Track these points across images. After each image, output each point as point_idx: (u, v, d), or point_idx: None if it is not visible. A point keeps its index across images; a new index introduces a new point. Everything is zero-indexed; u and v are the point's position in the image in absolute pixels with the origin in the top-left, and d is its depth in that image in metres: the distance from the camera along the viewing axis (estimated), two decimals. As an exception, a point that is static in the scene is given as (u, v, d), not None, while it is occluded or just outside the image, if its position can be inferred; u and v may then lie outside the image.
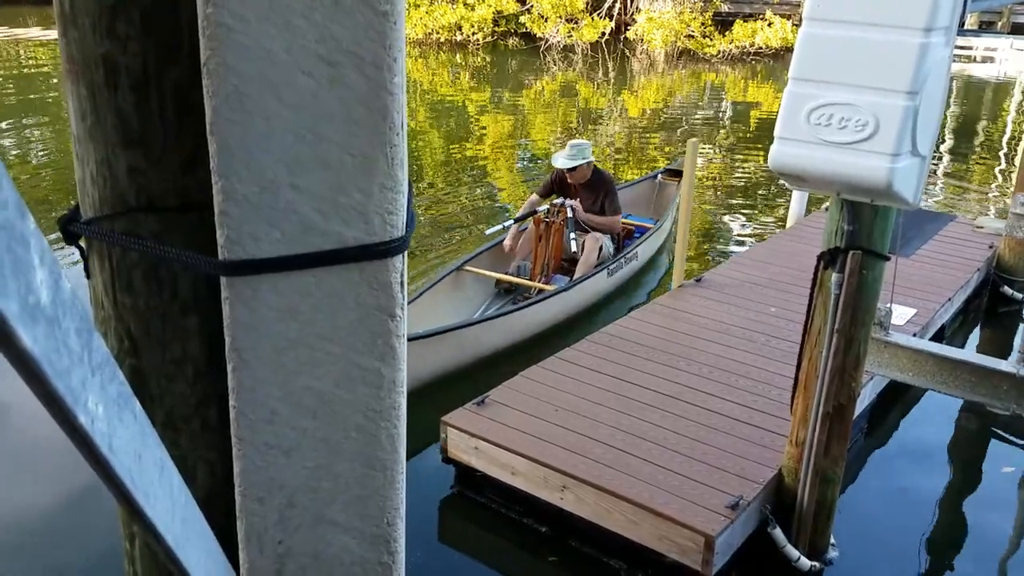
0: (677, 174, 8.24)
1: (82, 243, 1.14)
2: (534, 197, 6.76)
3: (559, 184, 6.65)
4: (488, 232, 6.90)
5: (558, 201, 6.51)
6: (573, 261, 6.59)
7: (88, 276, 1.16)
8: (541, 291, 6.10)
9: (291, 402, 1.11)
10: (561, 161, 6.43)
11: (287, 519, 1.17)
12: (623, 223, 7.06)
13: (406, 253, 1.12)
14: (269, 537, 1.18)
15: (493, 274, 6.41)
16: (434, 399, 4.96)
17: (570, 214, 6.44)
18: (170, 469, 0.82)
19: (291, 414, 1.12)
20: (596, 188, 6.60)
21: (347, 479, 1.17)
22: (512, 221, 6.62)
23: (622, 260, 6.62)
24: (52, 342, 0.52)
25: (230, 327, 1.08)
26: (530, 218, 6.58)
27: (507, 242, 6.61)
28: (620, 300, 6.78)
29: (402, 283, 1.12)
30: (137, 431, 0.70)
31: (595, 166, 6.63)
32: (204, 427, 1.18)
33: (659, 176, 8.49)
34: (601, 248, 6.49)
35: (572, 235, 6.41)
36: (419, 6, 22.27)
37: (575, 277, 6.32)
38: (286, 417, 1.12)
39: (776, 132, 2.96)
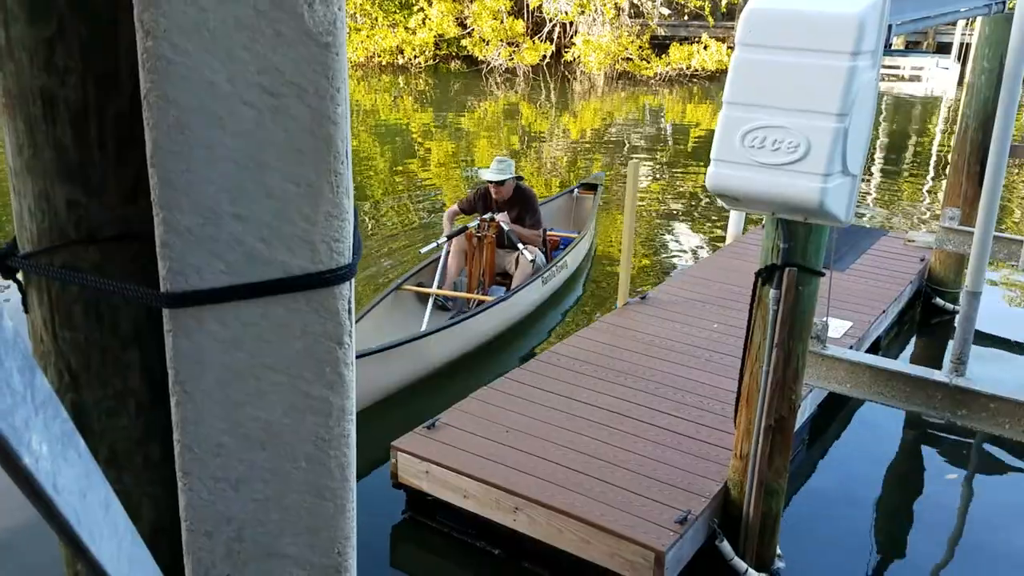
0: (592, 187, 8.90)
1: (20, 276, 1.12)
2: (454, 208, 6.96)
3: (482, 201, 6.86)
4: (423, 251, 6.98)
5: (487, 216, 6.66)
6: (506, 274, 6.82)
7: (27, 311, 1.14)
8: (480, 303, 6.22)
9: (238, 434, 1.10)
10: (491, 174, 6.65)
11: (235, 553, 1.16)
12: (550, 235, 7.46)
13: (353, 280, 1.12)
14: (217, 572, 1.16)
15: (431, 291, 6.48)
16: (382, 419, 4.91)
17: (506, 228, 6.61)
18: (116, 507, 0.81)
19: (238, 446, 1.11)
20: (518, 203, 6.84)
21: (297, 510, 1.16)
22: (444, 238, 6.70)
23: (554, 268, 6.96)
24: (-5, 383, 0.51)
25: (173, 360, 1.07)
26: (461, 234, 6.68)
27: (450, 262, 6.70)
28: (554, 308, 7.11)
29: (350, 310, 1.12)
30: (82, 469, 0.69)
31: (518, 183, 6.89)
32: (147, 462, 1.16)
33: (576, 191, 9.02)
34: (534, 260, 6.70)
35: (520, 245, 6.64)
36: (360, 30, 22.26)
37: (512, 287, 6.51)
38: (233, 449, 1.11)
39: (712, 155, 3.04)
